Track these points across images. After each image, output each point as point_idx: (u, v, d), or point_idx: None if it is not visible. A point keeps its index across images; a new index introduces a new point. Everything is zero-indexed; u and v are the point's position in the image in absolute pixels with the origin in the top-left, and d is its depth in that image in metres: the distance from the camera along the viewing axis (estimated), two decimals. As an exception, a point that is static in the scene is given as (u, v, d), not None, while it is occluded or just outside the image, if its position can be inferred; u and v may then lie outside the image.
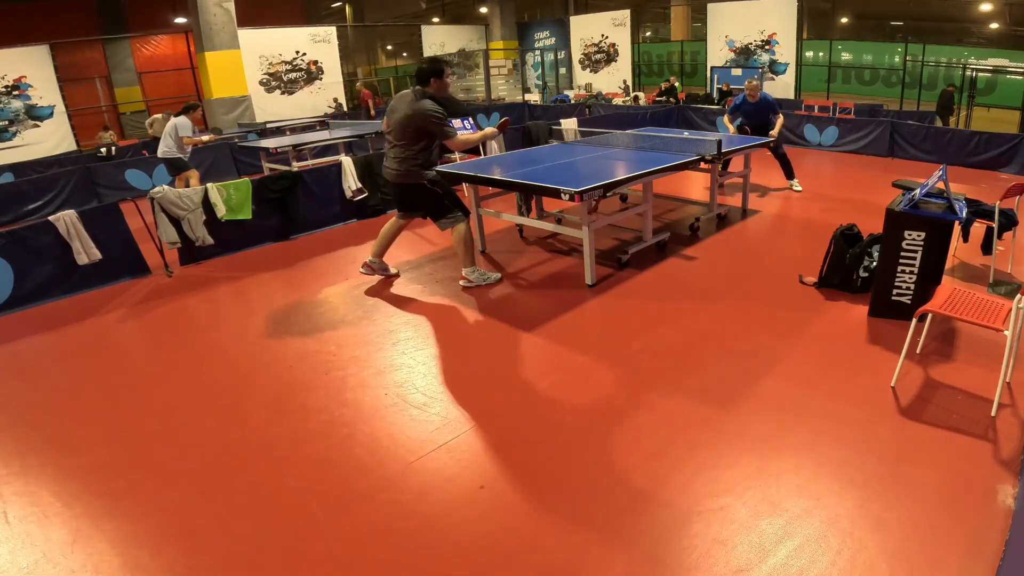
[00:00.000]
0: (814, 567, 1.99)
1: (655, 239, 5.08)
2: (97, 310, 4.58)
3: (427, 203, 4.28)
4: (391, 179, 4.27)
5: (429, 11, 20.60)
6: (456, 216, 4.29)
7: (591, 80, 16.81)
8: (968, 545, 2.04)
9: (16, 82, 11.59)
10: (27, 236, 4.71)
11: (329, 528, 2.28)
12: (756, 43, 13.60)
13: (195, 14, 12.01)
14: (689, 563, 2.04)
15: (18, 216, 7.67)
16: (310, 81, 14.43)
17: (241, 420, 3.02)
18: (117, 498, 2.50)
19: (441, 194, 4.26)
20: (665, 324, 3.78)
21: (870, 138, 9.04)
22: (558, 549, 2.12)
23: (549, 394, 3.09)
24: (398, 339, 3.77)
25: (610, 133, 6.82)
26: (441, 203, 4.26)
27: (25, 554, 2.22)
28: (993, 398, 2.74)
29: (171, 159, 6.93)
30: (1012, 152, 7.70)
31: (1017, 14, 12.56)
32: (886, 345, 3.37)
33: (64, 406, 3.27)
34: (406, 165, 4.14)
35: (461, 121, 8.78)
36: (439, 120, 3.99)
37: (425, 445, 2.73)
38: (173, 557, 2.18)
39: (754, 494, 2.31)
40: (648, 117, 10.83)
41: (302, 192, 6.12)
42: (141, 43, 15.37)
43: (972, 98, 10.51)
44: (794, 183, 6.84)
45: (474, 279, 4.43)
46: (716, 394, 3.00)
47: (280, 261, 5.45)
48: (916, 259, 3.51)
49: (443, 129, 4.03)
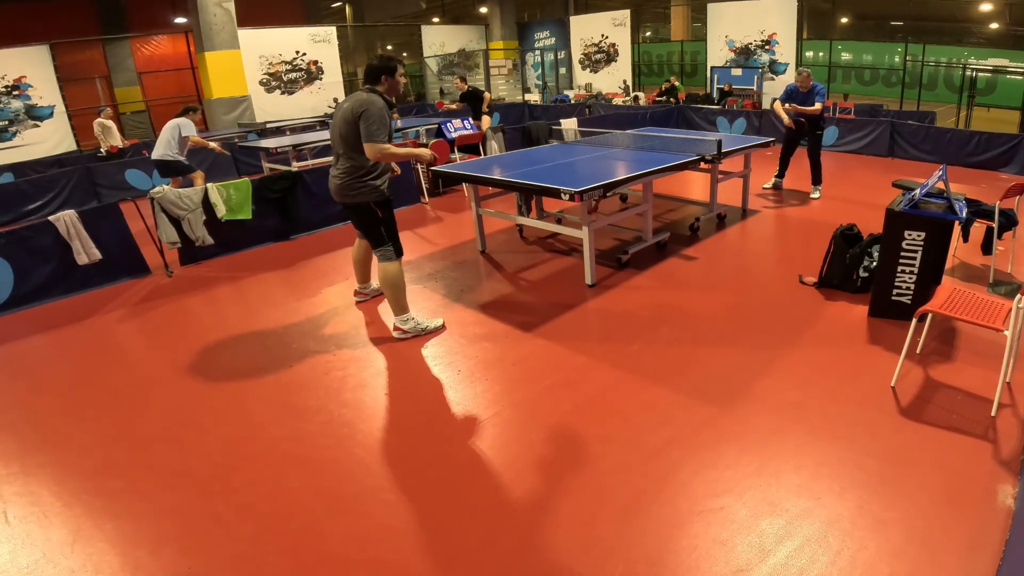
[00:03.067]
0: (814, 567, 1.99)
1: (655, 239, 5.08)
2: (97, 310, 4.58)
3: (364, 223, 3.69)
4: (334, 196, 3.65)
5: (429, 11, 20.60)
6: (386, 251, 3.65)
7: (591, 80, 16.80)
8: (968, 545, 2.04)
9: (16, 82, 11.59)
10: (27, 236, 4.71)
11: (329, 528, 2.28)
12: (756, 43, 13.59)
13: (195, 14, 12.01)
14: (689, 563, 2.04)
15: (18, 216, 7.68)
16: (310, 81, 14.43)
17: (241, 420, 3.02)
18: (117, 498, 2.50)
19: (380, 218, 3.62)
20: (665, 324, 3.78)
21: (870, 138, 9.04)
22: (558, 549, 2.12)
23: (549, 394, 3.09)
24: (398, 339, 3.77)
25: (610, 133, 6.82)
26: (376, 230, 3.63)
27: (25, 554, 2.22)
28: (993, 398, 2.74)
29: (170, 162, 6.60)
30: (1012, 152, 7.70)
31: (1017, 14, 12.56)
32: (886, 345, 3.37)
33: (64, 406, 3.27)
34: (345, 179, 3.51)
35: (461, 121, 8.79)
36: (372, 120, 3.30)
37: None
38: (173, 557, 2.18)
39: (754, 494, 2.31)
40: (648, 117, 10.83)
41: (302, 192, 6.12)
42: (141, 43, 15.37)
43: (972, 98, 10.50)
44: (815, 190, 6.65)
45: (409, 329, 3.74)
46: (716, 394, 3.00)
47: (280, 261, 5.45)
48: (916, 259, 3.51)
49: (369, 129, 3.30)
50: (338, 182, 3.56)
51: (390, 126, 3.47)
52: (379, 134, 3.34)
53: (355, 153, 3.45)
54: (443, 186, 7.69)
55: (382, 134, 3.36)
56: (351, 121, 3.38)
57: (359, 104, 3.36)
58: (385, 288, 3.70)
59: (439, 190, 7.68)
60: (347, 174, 3.51)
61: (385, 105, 3.42)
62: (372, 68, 3.50)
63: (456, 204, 7.11)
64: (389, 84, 3.52)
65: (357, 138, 3.38)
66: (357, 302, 4.40)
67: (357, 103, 3.38)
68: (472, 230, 5.58)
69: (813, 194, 6.64)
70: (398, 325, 3.77)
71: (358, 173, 3.50)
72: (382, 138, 3.36)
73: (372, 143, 3.33)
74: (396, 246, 3.68)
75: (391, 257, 3.66)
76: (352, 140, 3.42)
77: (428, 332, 3.81)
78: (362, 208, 3.60)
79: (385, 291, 3.72)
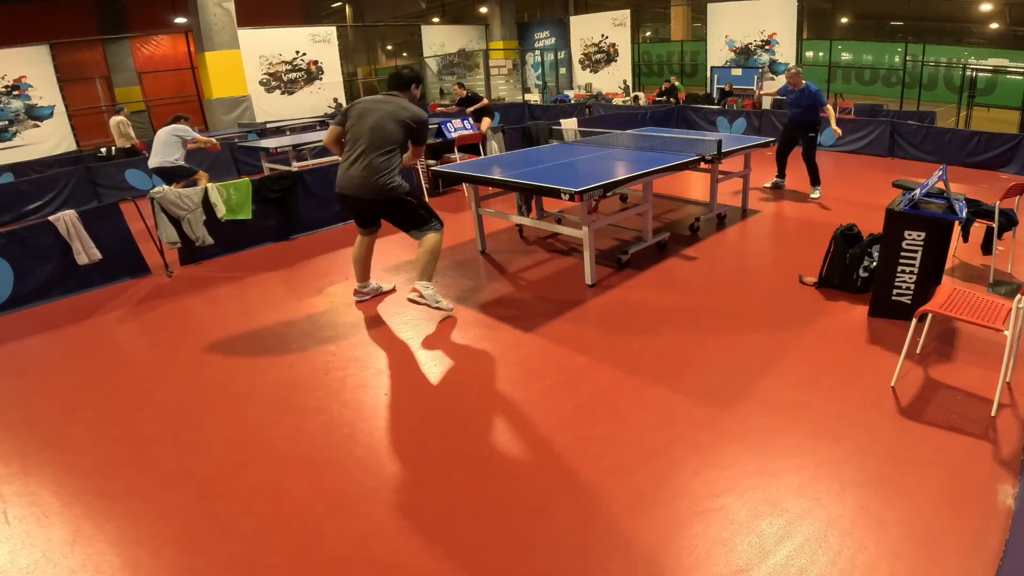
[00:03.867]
0: (814, 567, 1.99)
1: (655, 239, 5.08)
2: (97, 310, 4.58)
3: (403, 215, 3.95)
4: (361, 193, 3.77)
5: (429, 11, 20.58)
6: (434, 225, 3.98)
7: (591, 80, 16.80)
8: (968, 545, 2.04)
9: (16, 82, 11.59)
10: (27, 236, 4.71)
11: (329, 528, 2.28)
12: (756, 43, 13.59)
13: (195, 14, 12.02)
14: (689, 563, 2.04)
15: (18, 216, 7.68)
16: (310, 81, 14.43)
17: (241, 420, 3.02)
18: (117, 498, 2.50)
19: (416, 204, 3.99)
20: (665, 324, 3.78)
21: (870, 138, 9.04)
22: (558, 549, 2.12)
23: (549, 394, 3.09)
24: (397, 339, 3.77)
25: (610, 133, 6.82)
26: (417, 213, 3.96)
27: (25, 554, 2.22)
28: (993, 398, 2.74)
29: (172, 168, 6.56)
30: (1012, 152, 7.70)
31: (1017, 14, 12.56)
32: (886, 345, 3.37)
33: (64, 406, 3.27)
34: (383, 175, 3.73)
35: (461, 121, 8.80)
36: (426, 125, 3.91)
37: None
38: (173, 557, 2.18)
39: (754, 494, 2.31)
40: (648, 117, 10.83)
41: (302, 192, 6.12)
42: (141, 43, 15.36)
43: (972, 98, 10.51)
44: (815, 190, 6.63)
45: (428, 296, 3.98)
46: (716, 394, 3.00)
47: (280, 261, 5.45)
48: (916, 259, 3.51)
49: (424, 133, 3.91)
50: (375, 178, 3.74)
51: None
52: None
53: (396, 151, 3.79)
54: (443, 186, 7.70)
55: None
56: (403, 123, 3.74)
57: (412, 111, 3.78)
58: (425, 254, 3.96)
59: (439, 190, 7.68)
60: (382, 171, 3.74)
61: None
62: (404, 77, 3.90)
63: (456, 204, 7.11)
64: (414, 93, 3.93)
65: (404, 137, 3.78)
66: (357, 301, 4.40)
67: (406, 109, 3.77)
68: (472, 230, 5.58)
69: (813, 194, 6.63)
70: (418, 288, 4.00)
71: (392, 169, 3.79)
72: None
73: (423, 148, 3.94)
74: (438, 218, 4.05)
75: (439, 229, 4.02)
76: (396, 139, 3.76)
77: (439, 307, 4.04)
78: (398, 201, 3.88)
79: (423, 256, 3.97)
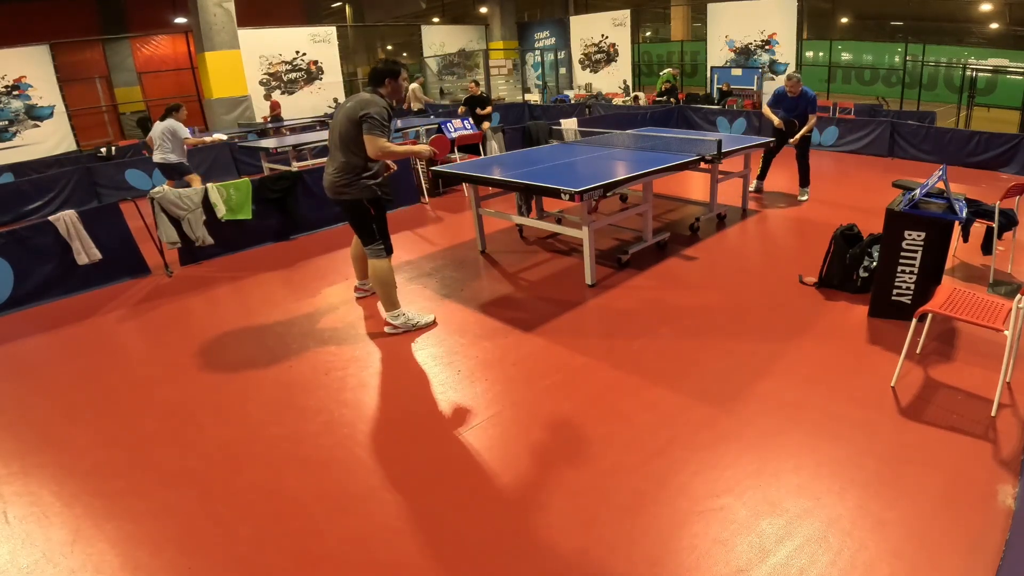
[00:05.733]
0: (814, 567, 1.99)
1: (655, 239, 5.08)
2: (97, 310, 4.58)
3: (356, 223, 3.74)
4: (328, 193, 3.68)
5: (429, 11, 20.59)
6: (377, 248, 3.72)
7: (591, 80, 16.80)
8: (968, 545, 2.04)
9: (16, 82, 11.59)
10: (27, 236, 4.71)
11: (329, 528, 2.28)
12: (756, 43, 13.59)
13: (195, 14, 12.00)
14: (689, 563, 2.04)
15: (18, 216, 7.68)
16: (310, 81, 14.43)
17: (241, 420, 3.02)
18: (117, 498, 2.50)
19: (372, 216, 3.68)
20: (665, 324, 3.78)
21: (870, 138, 9.04)
22: (558, 549, 2.12)
23: (549, 394, 3.09)
24: (398, 338, 3.77)
25: (610, 133, 6.82)
26: (368, 227, 3.70)
27: (25, 554, 2.22)
28: (993, 398, 2.74)
29: (173, 164, 6.63)
30: (1012, 152, 7.69)
31: (1017, 14, 12.55)
32: (886, 345, 3.37)
33: (64, 406, 3.27)
34: (340, 176, 3.56)
35: (461, 121, 8.79)
36: (373, 119, 3.36)
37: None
38: (173, 557, 2.18)
39: (754, 494, 2.31)
40: (648, 117, 10.83)
41: (302, 192, 6.12)
42: (141, 43, 15.34)
43: (972, 98, 10.50)
44: (803, 192, 6.57)
45: (399, 324, 3.82)
46: (716, 394, 3.00)
47: (280, 261, 5.45)
48: (916, 259, 3.51)
49: (372, 128, 3.36)
50: (333, 179, 3.60)
51: (390, 127, 3.53)
52: (380, 131, 3.41)
53: (353, 151, 3.51)
54: (443, 186, 7.69)
55: (383, 132, 3.42)
56: (354, 119, 3.43)
57: (362, 103, 3.43)
58: (375, 285, 3.80)
59: (439, 190, 7.68)
60: (343, 171, 3.56)
61: (387, 105, 3.50)
62: (376, 71, 3.57)
63: (456, 204, 7.11)
64: (392, 87, 3.58)
65: (358, 136, 3.44)
66: (357, 298, 4.44)
67: (360, 102, 3.45)
68: (472, 230, 5.58)
69: (801, 196, 6.57)
70: (388, 321, 3.85)
71: (355, 171, 3.56)
72: (381, 137, 3.41)
73: (372, 137, 3.38)
74: (387, 244, 3.76)
75: (381, 255, 3.74)
76: (352, 138, 3.47)
77: (419, 328, 3.87)
78: (355, 205, 3.66)
79: (376, 288, 3.82)
